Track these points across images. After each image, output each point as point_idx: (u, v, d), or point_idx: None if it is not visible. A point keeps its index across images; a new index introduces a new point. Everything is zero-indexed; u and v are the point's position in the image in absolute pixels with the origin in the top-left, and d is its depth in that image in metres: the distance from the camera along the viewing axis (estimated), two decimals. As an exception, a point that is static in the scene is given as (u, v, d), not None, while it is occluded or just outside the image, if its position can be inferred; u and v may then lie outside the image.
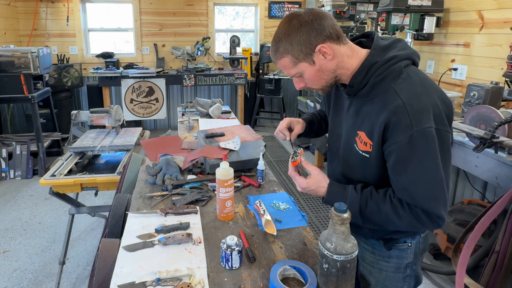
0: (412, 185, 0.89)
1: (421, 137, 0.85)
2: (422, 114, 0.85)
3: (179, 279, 0.93)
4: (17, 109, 4.73)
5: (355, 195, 0.96)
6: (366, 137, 0.95)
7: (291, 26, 0.91)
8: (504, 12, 2.39)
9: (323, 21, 0.90)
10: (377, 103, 0.92)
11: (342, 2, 3.89)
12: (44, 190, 3.35)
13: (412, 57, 0.94)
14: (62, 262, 2.11)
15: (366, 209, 0.94)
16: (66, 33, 5.00)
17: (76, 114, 2.41)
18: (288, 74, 0.99)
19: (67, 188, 1.96)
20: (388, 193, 0.95)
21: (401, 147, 0.87)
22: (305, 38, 0.90)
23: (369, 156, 0.96)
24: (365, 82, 0.93)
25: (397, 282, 1.11)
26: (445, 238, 2.21)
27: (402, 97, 0.87)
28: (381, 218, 0.94)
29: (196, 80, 4.82)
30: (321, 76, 0.96)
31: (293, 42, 0.91)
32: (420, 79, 0.92)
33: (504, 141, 1.65)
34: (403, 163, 0.88)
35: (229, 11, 5.78)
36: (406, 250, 1.08)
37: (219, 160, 1.56)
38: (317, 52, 0.91)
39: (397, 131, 0.87)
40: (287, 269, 0.95)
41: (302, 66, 0.94)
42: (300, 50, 0.91)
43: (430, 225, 0.91)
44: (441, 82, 2.92)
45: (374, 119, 0.92)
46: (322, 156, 3.99)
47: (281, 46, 0.93)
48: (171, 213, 1.25)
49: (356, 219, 0.97)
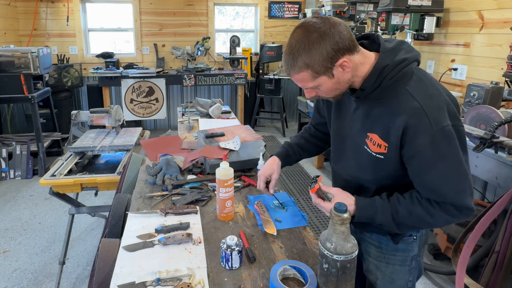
0: (439, 184, 0.91)
1: (442, 136, 0.87)
2: (439, 114, 0.88)
3: (179, 279, 0.93)
4: (17, 109, 4.73)
5: (384, 204, 0.98)
6: (379, 139, 0.96)
7: (311, 40, 0.87)
8: (504, 12, 2.39)
9: (341, 31, 0.88)
10: (390, 106, 0.93)
11: (342, 2, 3.89)
12: (44, 190, 3.35)
13: (419, 58, 0.96)
14: (62, 262, 2.11)
15: (399, 216, 0.97)
16: (66, 33, 5.00)
17: (76, 114, 2.41)
18: (304, 86, 0.97)
19: (67, 188, 1.96)
20: (415, 196, 0.97)
21: (424, 149, 0.89)
22: (327, 52, 0.87)
23: (384, 157, 0.97)
24: (376, 85, 0.93)
25: (403, 275, 1.14)
26: (445, 238, 2.21)
27: (418, 99, 0.89)
28: (414, 221, 0.96)
29: (196, 80, 4.82)
30: (337, 87, 0.96)
31: (315, 57, 0.88)
32: (429, 80, 0.95)
33: (504, 141, 1.65)
34: (427, 163, 0.90)
35: (229, 11, 5.78)
36: (412, 243, 1.12)
37: (219, 160, 1.57)
38: (337, 66, 0.90)
39: (418, 133, 0.88)
40: (287, 269, 0.95)
41: (321, 80, 0.93)
42: (321, 64, 0.89)
43: (462, 217, 0.94)
44: (441, 82, 2.92)
45: (389, 122, 0.93)
46: (322, 156, 3.99)
47: (300, 61, 0.90)
48: (171, 213, 1.25)
49: (391, 227, 0.99)
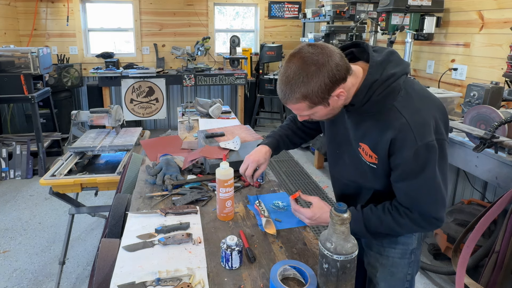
0: (414, 191, 0.98)
1: (425, 150, 0.92)
2: (424, 129, 0.92)
3: (179, 279, 0.93)
4: (17, 109, 4.73)
5: (357, 214, 1.05)
6: (370, 150, 1.02)
7: (310, 73, 0.88)
8: (504, 12, 2.39)
9: (338, 63, 0.89)
10: (379, 121, 0.97)
11: (342, 2, 3.89)
12: (44, 190, 3.35)
13: (408, 71, 0.97)
14: (62, 262, 2.11)
15: (370, 224, 1.03)
16: (66, 33, 5.00)
17: (76, 114, 2.41)
18: (299, 114, 1.00)
19: (67, 188, 1.96)
20: (386, 207, 1.04)
21: (407, 161, 0.94)
22: (326, 84, 0.89)
23: (376, 167, 1.03)
24: (365, 100, 0.95)
25: (402, 268, 1.18)
26: (445, 238, 2.21)
27: (405, 115, 0.93)
28: (385, 229, 1.03)
29: (196, 80, 4.82)
30: (331, 113, 1.00)
31: (313, 89, 0.89)
32: (417, 93, 0.97)
33: (504, 141, 1.64)
34: (407, 173, 0.96)
35: (229, 11, 5.78)
36: (411, 236, 1.16)
37: (219, 160, 1.57)
38: (334, 96, 0.92)
39: (403, 147, 0.93)
40: (287, 269, 0.95)
41: (317, 109, 0.96)
42: (319, 96, 0.91)
43: (428, 227, 1.01)
44: (441, 82, 2.92)
45: (378, 136, 0.97)
46: (322, 156, 3.99)
47: (298, 92, 0.91)
48: (171, 213, 1.25)
49: (364, 235, 1.05)
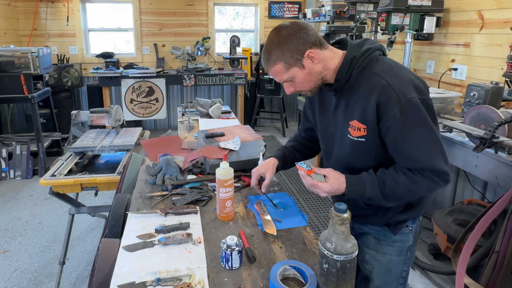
0: (414, 151, 0.99)
1: (410, 107, 0.97)
2: (405, 87, 0.98)
3: (179, 279, 0.93)
4: (17, 109, 4.73)
5: (371, 177, 1.05)
6: (358, 123, 1.05)
7: (281, 37, 1.02)
8: (504, 12, 2.39)
9: (307, 30, 1.03)
10: (363, 90, 1.03)
11: (342, 2, 3.89)
12: (44, 190, 3.35)
13: (382, 48, 1.08)
14: (62, 262, 2.11)
15: (386, 187, 1.03)
16: (66, 33, 5.00)
17: (76, 114, 2.41)
18: (280, 79, 1.09)
19: (67, 188, 1.96)
20: (398, 167, 1.04)
21: (395, 120, 0.98)
22: (295, 45, 1.02)
23: (365, 140, 1.05)
24: (349, 74, 1.04)
25: (399, 264, 1.21)
26: (445, 238, 2.21)
27: (385, 78, 1.00)
28: (401, 190, 1.02)
29: (196, 80, 4.82)
30: (310, 79, 1.07)
31: (284, 50, 1.02)
32: (394, 63, 1.06)
33: (504, 141, 1.64)
34: (400, 133, 0.99)
35: (229, 11, 5.78)
36: (408, 234, 1.19)
37: (219, 160, 1.57)
38: (306, 57, 1.03)
39: (388, 107, 0.98)
40: (287, 269, 0.95)
41: (294, 71, 1.05)
42: (291, 56, 1.02)
43: (441, 182, 1.01)
44: (441, 82, 2.92)
45: (365, 103, 1.02)
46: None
47: (273, 54, 1.04)
48: (171, 213, 1.26)
49: (379, 200, 1.04)
